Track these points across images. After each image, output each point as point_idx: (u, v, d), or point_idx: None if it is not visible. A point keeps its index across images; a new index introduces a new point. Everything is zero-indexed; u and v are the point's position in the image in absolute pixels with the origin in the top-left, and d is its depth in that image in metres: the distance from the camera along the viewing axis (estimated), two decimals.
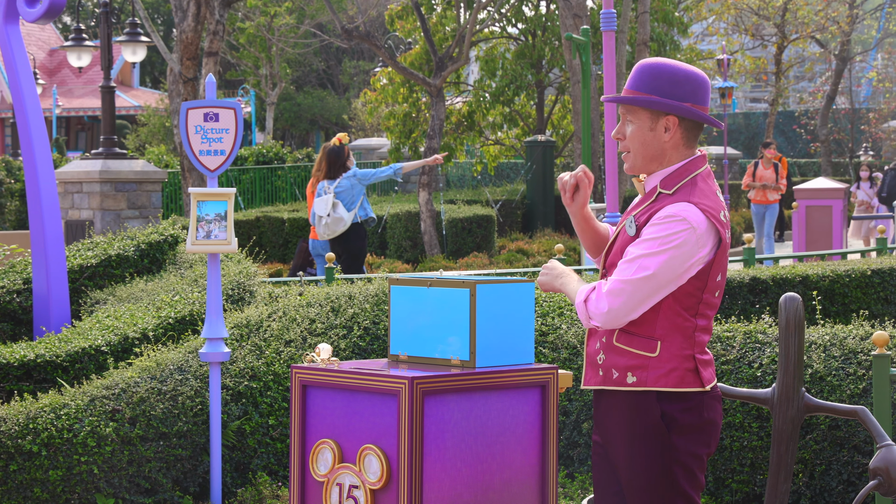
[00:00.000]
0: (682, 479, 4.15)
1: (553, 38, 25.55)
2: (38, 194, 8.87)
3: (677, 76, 4.17)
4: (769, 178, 21.05)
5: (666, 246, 4.05)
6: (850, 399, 6.66)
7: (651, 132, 4.19)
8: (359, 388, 4.46)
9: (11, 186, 28.37)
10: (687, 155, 4.22)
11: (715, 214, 4.12)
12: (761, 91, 61.85)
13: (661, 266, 4.05)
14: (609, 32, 10.49)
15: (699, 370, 4.14)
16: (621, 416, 4.18)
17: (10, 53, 8.92)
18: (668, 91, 4.17)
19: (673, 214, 4.08)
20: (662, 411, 4.12)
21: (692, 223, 4.07)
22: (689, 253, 4.07)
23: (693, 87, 4.18)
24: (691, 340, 4.14)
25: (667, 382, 4.11)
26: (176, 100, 18.65)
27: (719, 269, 4.16)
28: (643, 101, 4.17)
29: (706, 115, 4.20)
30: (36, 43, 50.03)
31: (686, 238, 4.06)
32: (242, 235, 22.34)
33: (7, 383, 7.38)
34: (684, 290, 4.11)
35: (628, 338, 4.15)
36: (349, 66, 52.26)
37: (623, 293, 4.07)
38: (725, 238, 4.14)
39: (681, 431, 4.13)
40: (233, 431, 7.18)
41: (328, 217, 12.41)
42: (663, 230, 4.07)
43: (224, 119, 7.16)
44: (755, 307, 9.59)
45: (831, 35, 36.90)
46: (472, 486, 4.44)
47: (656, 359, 4.12)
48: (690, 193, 4.14)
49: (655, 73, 4.19)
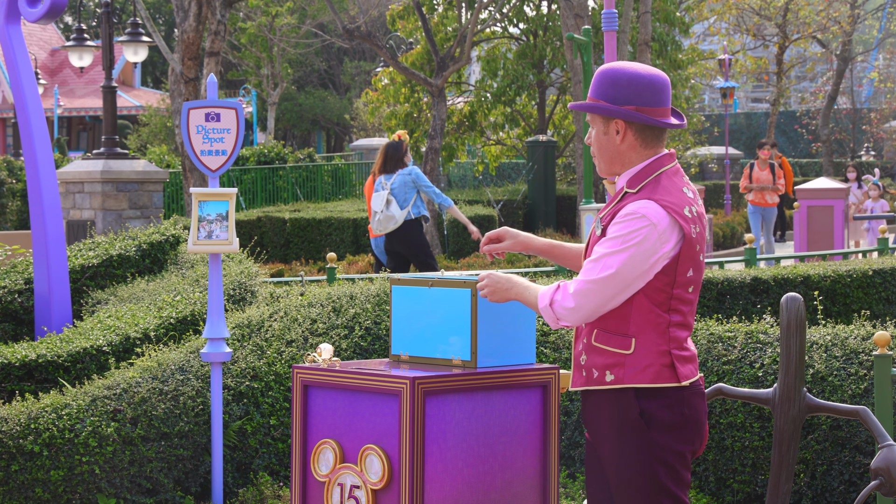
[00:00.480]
0: (664, 477, 4.18)
1: (554, 38, 25.55)
2: (39, 194, 8.87)
3: (619, 80, 4.24)
4: (766, 179, 20.63)
5: (628, 243, 4.12)
6: (852, 399, 6.66)
7: (605, 136, 4.28)
8: (360, 389, 4.46)
9: (13, 186, 28.38)
10: (649, 155, 4.27)
11: (677, 210, 4.16)
12: (763, 91, 61.85)
13: (624, 263, 4.11)
14: (610, 32, 10.49)
15: (675, 366, 4.18)
16: (603, 415, 4.23)
17: (11, 53, 8.92)
18: (611, 95, 4.24)
19: (633, 212, 4.14)
20: (641, 409, 4.16)
21: (652, 219, 4.12)
22: (652, 249, 4.12)
23: (636, 89, 4.22)
24: (666, 336, 4.18)
25: (643, 378, 4.16)
26: (177, 100, 18.65)
27: (689, 264, 4.20)
28: (587, 106, 4.27)
29: (646, 116, 4.22)
30: (37, 43, 50.05)
31: (647, 234, 4.11)
32: (244, 235, 22.34)
33: (8, 383, 7.38)
34: (653, 286, 4.16)
35: (605, 337, 4.21)
36: (350, 66, 52.27)
37: (589, 292, 4.14)
38: (690, 233, 4.17)
39: (660, 428, 4.17)
40: (234, 431, 7.18)
41: (381, 213, 12.39)
42: (625, 228, 4.13)
43: (225, 119, 7.16)
44: (756, 307, 9.60)
45: (833, 35, 36.90)
46: (474, 486, 4.45)
47: (632, 356, 4.17)
48: (653, 191, 4.19)
49: (603, 78, 4.27)
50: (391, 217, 12.34)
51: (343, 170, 32.50)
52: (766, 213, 20.68)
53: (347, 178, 32.35)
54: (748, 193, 20.88)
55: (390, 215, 12.33)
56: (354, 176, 32.66)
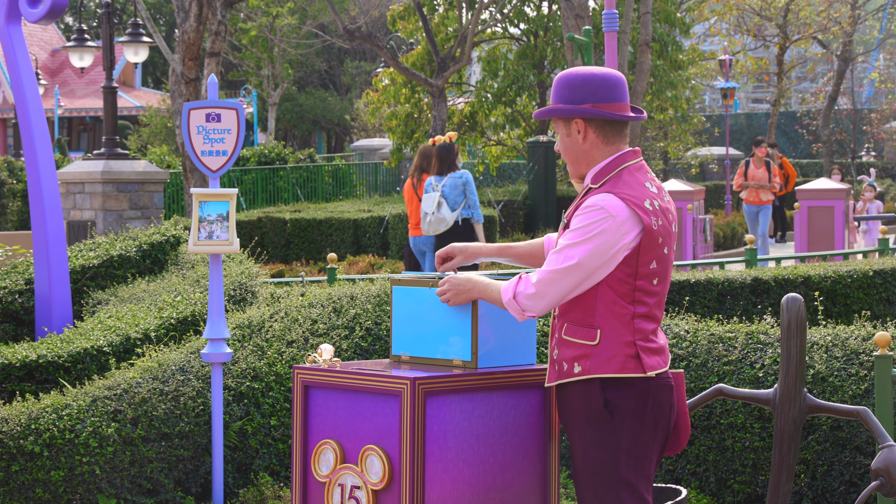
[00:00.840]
0: (624, 468, 4.27)
1: (555, 38, 25.55)
2: (40, 195, 8.87)
3: (574, 82, 4.38)
4: (761, 177, 20.18)
5: (588, 235, 4.24)
6: (852, 400, 6.65)
7: (568, 138, 4.42)
8: (361, 389, 4.46)
9: (13, 187, 28.38)
10: (611, 151, 4.39)
11: (637, 203, 4.26)
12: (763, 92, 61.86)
13: (586, 255, 4.23)
14: (611, 33, 10.49)
15: (641, 356, 4.27)
16: (572, 406, 4.34)
17: (12, 54, 8.92)
18: (568, 97, 4.38)
19: (592, 204, 4.27)
20: (606, 399, 4.26)
21: (610, 211, 4.24)
22: (612, 241, 4.23)
23: (591, 88, 4.36)
24: (630, 327, 4.28)
25: (608, 369, 4.25)
26: (178, 100, 18.65)
27: (650, 256, 4.29)
28: (546, 111, 4.41)
29: (603, 111, 4.35)
30: (38, 43, 50.06)
31: (606, 226, 4.23)
32: (244, 236, 22.34)
33: (9, 384, 7.38)
34: (615, 277, 4.26)
35: (573, 329, 4.32)
36: (351, 67, 52.27)
37: (552, 281, 4.27)
38: (650, 224, 4.26)
39: (623, 418, 4.26)
40: (235, 432, 7.18)
41: (432, 215, 12.41)
42: (584, 220, 4.26)
43: (226, 119, 7.16)
44: (757, 308, 9.60)
45: (833, 36, 36.91)
46: (474, 486, 4.45)
47: (597, 347, 4.27)
48: (614, 185, 4.31)
49: (559, 83, 4.42)
50: (442, 219, 12.36)
51: (344, 170, 32.50)
52: (760, 211, 20.27)
53: (348, 178, 32.35)
54: (742, 191, 20.48)
55: (441, 217, 12.35)
56: (355, 176, 32.66)
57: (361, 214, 23.92)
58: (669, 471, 7.09)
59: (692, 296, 9.56)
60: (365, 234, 23.47)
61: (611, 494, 4.28)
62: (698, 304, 9.58)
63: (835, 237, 17.68)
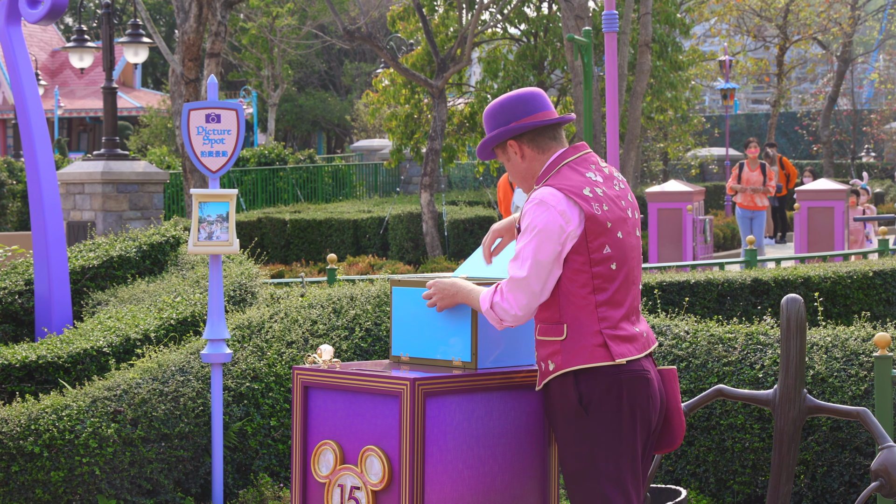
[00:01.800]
0: (603, 462, 4.33)
1: (555, 39, 25.54)
2: (39, 195, 8.87)
3: (494, 110, 4.54)
4: (756, 180, 19.09)
5: (534, 231, 4.34)
6: (852, 400, 6.65)
7: (510, 162, 4.56)
8: (360, 390, 4.46)
9: (13, 187, 28.38)
10: (548, 158, 4.50)
11: (575, 191, 4.35)
12: (763, 92, 61.86)
13: (537, 249, 4.32)
14: (611, 34, 10.50)
15: (608, 345, 4.33)
16: (552, 405, 4.41)
17: (12, 54, 8.93)
18: (493, 125, 4.53)
19: (531, 199, 4.40)
20: (580, 393, 4.32)
21: (548, 203, 4.34)
22: (557, 229, 4.32)
23: (510, 109, 4.50)
24: (595, 316, 4.35)
25: (577, 361, 4.33)
26: (178, 101, 18.65)
27: (601, 240, 4.36)
28: (483, 144, 4.56)
29: (527, 122, 4.48)
30: (38, 44, 50.06)
31: (548, 218, 4.33)
32: (244, 237, 22.35)
33: (9, 384, 7.39)
34: (571, 268, 4.34)
35: (544, 328, 4.41)
36: (351, 68, 52.27)
37: (517, 287, 4.35)
38: (591, 210, 4.34)
39: (597, 411, 4.32)
40: (234, 433, 7.18)
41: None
42: (528, 218, 4.37)
43: (226, 120, 7.16)
44: (757, 308, 9.60)
45: (833, 36, 36.91)
46: (474, 487, 4.45)
47: (565, 341, 4.35)
48: (552, 179, 4.42)
49: (485, 118, 4.58)
50: None
51: (343, 171, 32.50)
52: (755, 217, 19.19)
53: (348, 179, 32.35)
54: (735, 195, 19.40)
55: None
56: (355, 177, 32.67)
57: (361, 215, 23.93)
58: (669, 471, 7.09)
59: (692, 296, 9.57)
60: (365, 235, 23.47)
61: (594, 489, 4.33)
62: (698, 304, 9.58)
63: (834, 238, 17.67)
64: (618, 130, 10.74)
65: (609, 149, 10.75)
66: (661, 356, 7.20)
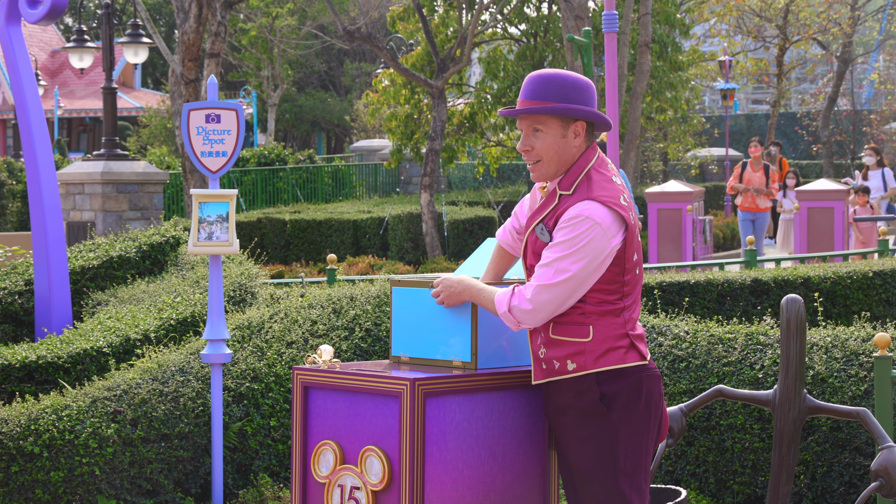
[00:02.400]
0: (623, 460, 4.32)
1: (555, 39, 25.55)
2: (39, 195, 8.87)
3: (578, 83, 4.38)
4: (758, 181, 18.48)
5: (577, 245, 4.25)
6: (852, 401, 6.65)
7: (563, 139, 4.38)
8: (360, 390, 4.46)
9: (13, 188, 28.38)
10: (585, 151, 4.42)
11: (615, 202, 4.29)
12: (763, 92, 61.86)
13: (579, 266, 4.26)
14: (611, 34, 10.50)
15: (636, 345, 4.33)
16: (561, 403, 4.36)
17: (11, 54, 8.93)
18: (574, 98, 4.36)
19: (577, 215, 4.27)
20: (602, 393, 4.29)
21: (596, 219, 4.26)
22: (602, 247, 4.26)
23: (590, 92, 4.40)
24: (621, 319, 4.33)
25: (606, 362, 4.29)
26: (178, 101, 18.65)
27: (633, 249, 4.36)
28: (561, 109, 4.33)
29: (604, 116, 4.41)
30: (38, 44, 50.05)
31: (595, 234, 4.25)
32: (244, 237, 22.34)
33: (9, 384, 7.39)
34: (605, 278, 4.31)
35: (563, 328, 4.34)
36: (351, 68, 52.27)
37: (546, 296, 4.28)
38: (630, 221, 4.32)
39: (620, 410, 4.30)
40: (234, 433, 7.18)
41: None
42: (572, 232, 4.26)
43: (226, 120, 7.16)
44: (757, 309, 9.60)
45: (833, 37, 36.90)
46: (474, 487, 4.44)
47: (591, 343, 4.30)
48: (589, 189, 4.32)
49: (560, 82, 4.37)
50: None
51: (343, 171, 32.50)
52: (757, 220, 18.64)
53: (348, 179, 32.35)
54: (736, 196, 18.75)
55: None
56: (355, 177, 32.67)
57: (361, 215, 23.93)
58: (669, 471, 7.09)
59: (692, 297, 9.57)
60: (365, 235, 23.47)
61: (611, 487, 4.32)
62: (698, 304, 9.58)
63: (834, 238, 17.67)
64: (618, 131, 10.74)
65: (609, 149, 10.75)
66: (661, 356, 7.21)
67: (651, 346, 7.27)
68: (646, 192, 18.55)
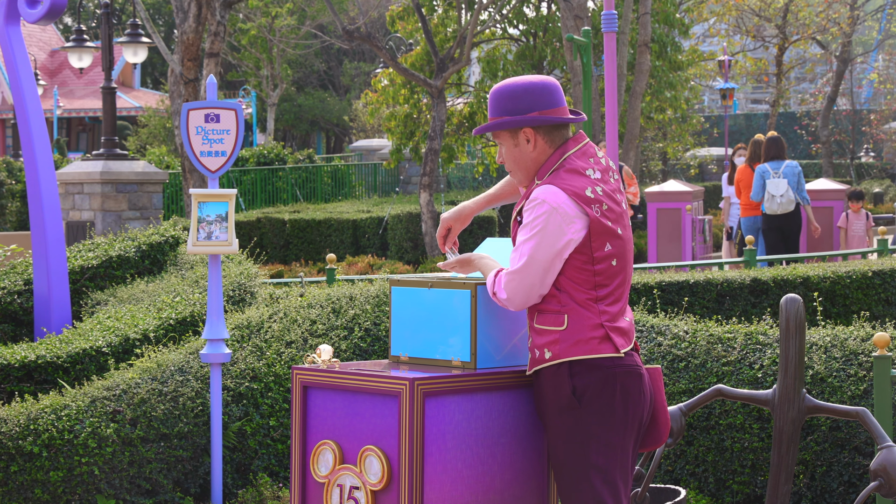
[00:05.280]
0: (594, 454, 4.34)
1: (554, 39, 25.54)
2: (38, 195, 8.87)
3: (516, 91, 4.46)
4: None
5: (535, 230, 4.35)
6: (851, 400, 6.66)
7: (517, 148, 4.50)
8: (360, 390, 4.46)
9: (12, 187, 28.38)
10: (553, 152, 4.48)
11: (578, 193, 4.35)
12: (762, 92, 61.87)
13: (535, 248, 4.34)
14: (610, 34, 10.50)
15: (611, 337, 4.36)
16: (542, 392, 4.42)
17: (11, 54, 8.92)
18: (512, 108, 4.46)
19: (534, 198, 4.38)
20: (574, 386, 4.34)
21: (552, 203, 4.34)
22: (558, 231, 4.34)
23: (535, 96, 4.45)
24: (596, 310, 4.37)
25: (578, 352, 4.34)
26: (177, 101, 18.65)
27: (603, 240, 4.38)
28: (494, 125, 4.47)
29: (552, 116, 4.45)
30: (37, 44, 50.05)
31: (548, 219, 4.33)
32: (243, 236, 22.34)
33: (8, 384, 7.38)
34: (573, 266, 4.36)
35: (542, 317, 4.41)
36: (350, 68, 52.26)
37: (514, 281, 4.38)
38: (593, 214, 4.35)
39: (591, 403, 4.34)
40: (234, 432, 7.18)
41: (782, 197, 14.32)
42: (530, 215, 4.37)
43: (225, 120, 7.17)
44: (756, 308, 9.60)
45: (832, 36, 36.90)
46: (474, 486, 4.44)
47: (566, 331, 4.36)
48: (555, 177, 4.41)
49: (499, 95, 4.49)
50: (792, 200, 14.31)
51: (343, 171, 32.50)
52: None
53: (347, 179, 32.35)
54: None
55: (791, 199, 14.31)
56: (354, 177, 32.67)
57: (360, 215, 23.93)
58: (669, 471, 7.10)
59: (691, 296, 9.56)
60: (364, 235, 23.47)
61: (582, 480, 4.35)
62: (697, 304, 9.58)
63: (834, 238, 17.66)
64: (617, 130, 10.73)
65: (608, 149, 10.75)
66: (660, 356, 7.21)
67: (650, 345, 7.27)
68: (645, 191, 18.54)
